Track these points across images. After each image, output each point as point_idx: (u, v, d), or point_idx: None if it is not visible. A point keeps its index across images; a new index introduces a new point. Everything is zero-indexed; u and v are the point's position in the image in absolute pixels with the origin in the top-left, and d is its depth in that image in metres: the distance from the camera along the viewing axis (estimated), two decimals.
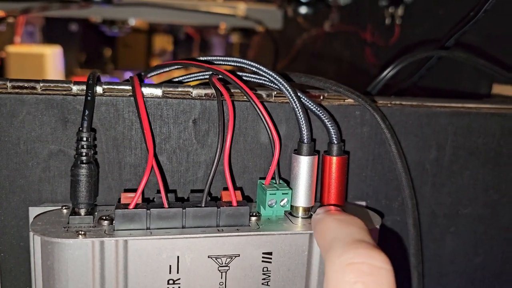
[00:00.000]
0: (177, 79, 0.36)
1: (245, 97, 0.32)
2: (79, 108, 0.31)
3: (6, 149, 0.30)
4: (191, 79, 0.36)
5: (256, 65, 0.33)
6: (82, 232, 0.27)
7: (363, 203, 0.37)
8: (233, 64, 0.34)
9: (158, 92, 0.32)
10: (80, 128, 0.28)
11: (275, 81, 0.32)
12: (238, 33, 1.19)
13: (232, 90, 0.32)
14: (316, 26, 0.92)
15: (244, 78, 0.33)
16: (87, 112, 0.28)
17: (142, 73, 0.35)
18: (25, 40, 1.55)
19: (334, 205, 0.32)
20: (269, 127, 0.31)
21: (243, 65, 0.33)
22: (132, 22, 1.18)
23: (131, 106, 0.31)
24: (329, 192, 0.32)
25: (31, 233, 0.27)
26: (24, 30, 1.51)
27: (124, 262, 0.27)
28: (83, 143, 0.28)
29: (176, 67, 0.35)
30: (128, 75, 1.61)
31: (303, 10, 0.78)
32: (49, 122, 0.31)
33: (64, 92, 0.31)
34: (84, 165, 0.28)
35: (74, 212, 0.29)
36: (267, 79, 0.32)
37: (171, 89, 0.32)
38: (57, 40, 1.50)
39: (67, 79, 0.32)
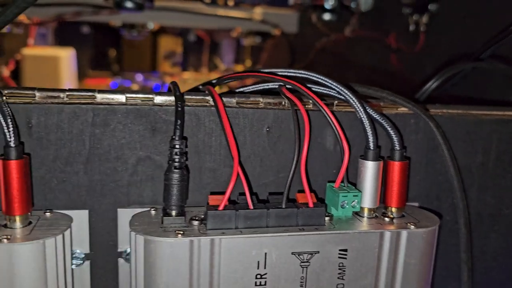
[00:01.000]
0: (242, 89, 0.39)
1: (311, 106, 0.34)
2: (165, 118, 0.33)
3: (99, 155, 0.33)
4: (254, 89, 0.39)
5: (323, 77, 0.35)
6: (181, 232, 0.30)
7: (416, 204, 0.39)
8: (298, 75, 0.37)
9: (233, 101, 0.35)
10: (173, 136, 0.31)
11: (342, 92, 0.35)
12: (253, 36, 1.22)
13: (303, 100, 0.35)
14: (336, 31, 0.95)
15: (313, 89, 0.35)
16: (179, 121, 0.31)
17: (213, 81, 0.38)
18: (37, 42, 1.57)
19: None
20: (339, 134, 0.33)
21: (310, 77, 0.36)
22: (151, 26, 1.20)
23: (212, 115, 0.34)
24: (392, 195, 0.35)
25: (133, 233, 0.30)
26: (36, 32, 1.53)
27: (218, 259, 0.30)
28: (176, 150, 0.31)
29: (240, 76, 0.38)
30: (139, 76, 1.63)
31: (327, 16, 0.81)
32: (137, 130, 0.33)
33: (150, 103, 0.33)
34: (177, 170, 0.31)
35: (166, 213, 0.31)
36: (334, 90, 0.35)
37: (243, 99, 0.35)
38: (68, 42, 1.52)
39: (149, 91, 0.34)
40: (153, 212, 0.33)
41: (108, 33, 1.74)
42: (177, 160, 0.31)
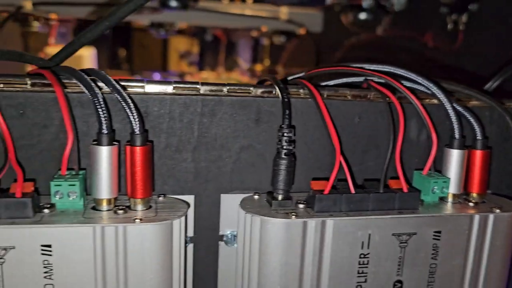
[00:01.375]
0: (327, 83, 0.41)
1: (395, 99, 0.37)
2: (266, 108, 0.36)
3: (206, 144, 0.35)
4: (337, 83, 0.41)
5: (411, 73, 0.38)
6: (294, 214, 0.32)
7: (489, 192, 0.42)
8: (387, 70, 0.39)
9: (323, 94, 0.37)
10: (282, 125, 0.33)
11: (429, 86, 0.37)
12: (278, 35, 1.24)
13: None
14: (366, 30, 0.97)
15: (403, 83, 0.38)
16: (287, 111, 0.33)
17: (303, 73, 0.40)
18: (58, 41, 1.59)
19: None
20: (429, 125, 0.36)
21: (399, 72, 0.38)
22: (180, 25, 1.23)
23: (308, 106, 0.36)
24: (474, 181, 0.37)
25: (248, 215, 0.32)
26: (57, 31, 1.55)
27: (327, 239, 0.32)
28: (285, 137, 0.33)
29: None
30: (156, 75, 1.65)
31: (363, 16, 0.84)
32: (241, 120, 0.35)
33: (251, 94, 0.35)
34: (286, 157, 0.33)
35: (273, 197, 0.34)
36: (419, 84, 0.38)
37: (332, 91, 0.37)
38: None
39: (249, 83, 0.37)
40: (256, 197, 0.35)
41: (121, 33, 1.77)
42: (286, 147, 0.33)
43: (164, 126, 0.34)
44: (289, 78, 0.40)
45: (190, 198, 0.36)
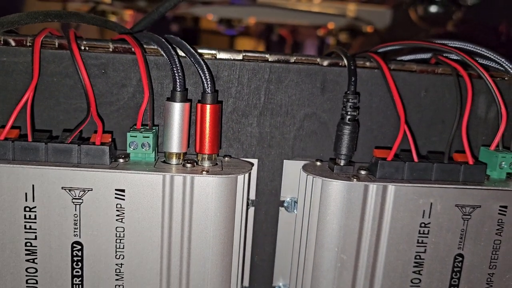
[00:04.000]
0: (400, 59, 0.41)
1: (466, 74, 0.36)
2: (332, 78, 0.36)
3: (271, 110, 0.36)
4: (407, 59, 0.41)
5: (483, 48, 0.37)
6: (356, 177, 0.32)
7: None
8: (458, 46, 0.38)
9: (390, 67, 0.37)
10: (347, 92, 0.34)
11: (501, 62, 0.36)
12: (345, 32, 1.24)
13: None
14: (435, 25, 0.95)
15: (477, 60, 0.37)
16: (353, 78, 0.34)
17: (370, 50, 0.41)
18: None
19: None
20: (499, 101, 0.35)
21: (469, 48, 0.38)
22: (249, 21, 1.25)
23: (373, 77, 0.37)
24: None
25: (310, 176, 0.33)
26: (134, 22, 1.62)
27: (387, 205, 0.32)
28: (350, 103, 0.34)
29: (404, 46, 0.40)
30: None
31: (433, 9, 0.82)
32: (307, 88, 0.36)
33: (318, 63, 0.36)
34: (350, 122, 0.34)
35: (335, 163, 0.34)
36: (494, 61, 0.37)
37: (400, 65, 0.37)
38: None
39: (314, 55, 0.38)
40: (318, 163, 0.36)
41: (189, 32, 1.82)
42: (350, 113, 0.34)
43: (233, 90, 0.36)
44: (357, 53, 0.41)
45: (254, 162, 0.37)
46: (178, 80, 0.32)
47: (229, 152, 0.37)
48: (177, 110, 0.32)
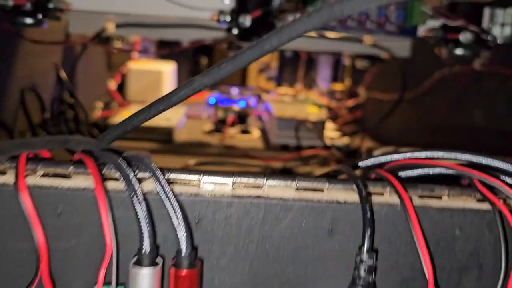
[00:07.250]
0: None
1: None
2: (343, 217, 0.29)
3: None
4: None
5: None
6: None
7: None
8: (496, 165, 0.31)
9: (415, 197, 0.30)
10: (361, 247, 0.27)
11: None
12: (362, 59, 1.16)
13: None
14: (461, 62, 0.87)
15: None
16: (369, 230, 0.27)
17: (379, 156, 0.33)
18: (141, 56, 1.60)
19: None
20: None
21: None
22: None
23: (392, 211, 0.29)
24: None
25: None
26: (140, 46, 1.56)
27: None
28: (363, 266, 0.27)
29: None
30: (234, 90, 1.61)
31: (459, 51, 0.74)
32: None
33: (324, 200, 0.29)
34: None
35: None
36: None
37: (427, 191, 0.30)
38: (169, 55, 1.55)
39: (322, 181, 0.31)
40: None
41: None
42: (362, 276, 0.27)
43: (219, 233, 0.29)
44: (362, 163, 0.34)
45: None
46: (145, 238, 0.26)
47: None
48: (145, 277, 0.26)
